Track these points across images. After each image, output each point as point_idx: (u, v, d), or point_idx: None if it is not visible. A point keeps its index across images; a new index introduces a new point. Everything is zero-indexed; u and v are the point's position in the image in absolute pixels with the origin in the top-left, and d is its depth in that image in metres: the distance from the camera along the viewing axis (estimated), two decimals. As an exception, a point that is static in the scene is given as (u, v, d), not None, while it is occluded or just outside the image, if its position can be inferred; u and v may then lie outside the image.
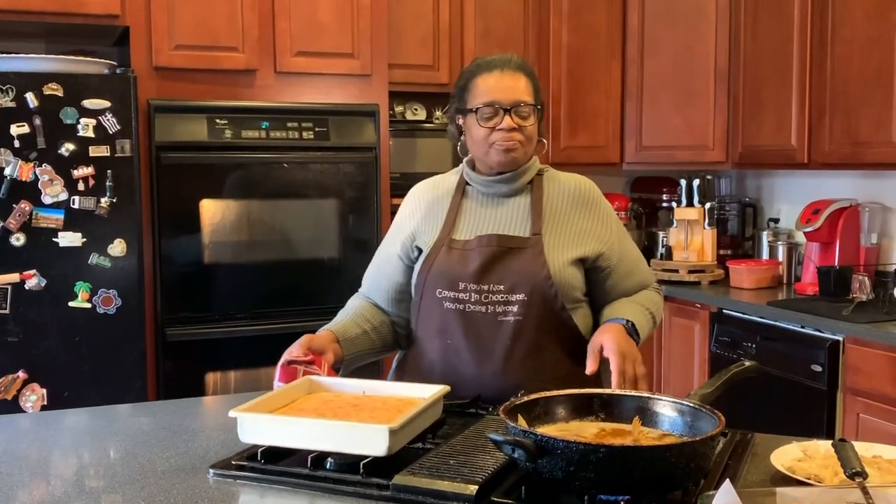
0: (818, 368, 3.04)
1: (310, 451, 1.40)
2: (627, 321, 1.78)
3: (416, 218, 1.94)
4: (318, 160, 3.37)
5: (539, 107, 1.85)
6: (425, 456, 1.40)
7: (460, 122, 1.88)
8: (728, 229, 4.22)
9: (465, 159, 1.92)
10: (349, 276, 3.44)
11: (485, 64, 1.85)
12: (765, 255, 3.97)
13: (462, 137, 1.89)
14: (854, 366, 2.95)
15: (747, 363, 1.55)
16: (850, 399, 2.96)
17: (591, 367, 1.67)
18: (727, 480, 1.12)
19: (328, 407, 1.52)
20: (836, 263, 3.51)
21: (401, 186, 3.73)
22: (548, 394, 1.47)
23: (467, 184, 1.92)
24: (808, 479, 1.32)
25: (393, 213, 3.61)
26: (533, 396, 1.45)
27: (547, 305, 1.77)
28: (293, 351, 1.73)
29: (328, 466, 1.39)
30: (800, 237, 3.79)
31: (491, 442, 1.26)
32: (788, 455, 1.43)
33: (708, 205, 3.93)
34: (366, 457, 1.35)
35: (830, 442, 1.45)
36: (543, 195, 1.87)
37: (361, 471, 1.34)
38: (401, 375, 1.94)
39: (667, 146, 4.05)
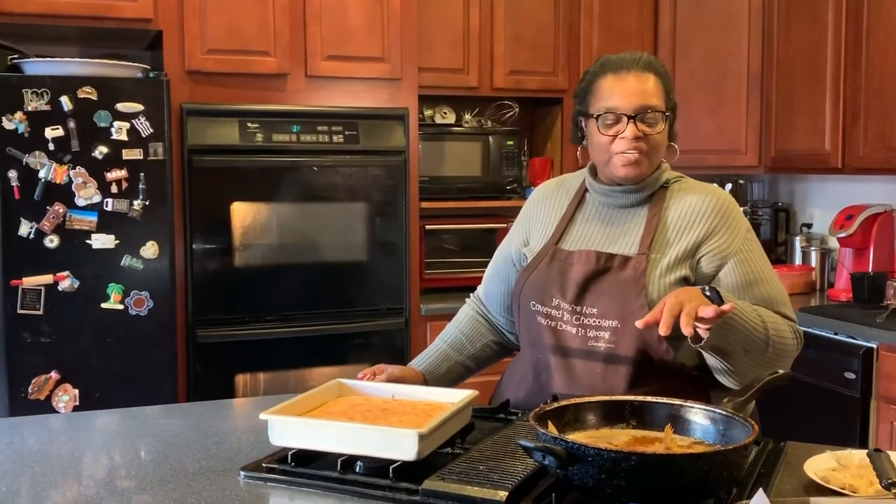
0: (851, 376, 3.00)
1: (339, 455, 1.40)
2: (712, 289, 1.52)
3: (531, 221, 1.88)
4: (348, 164, 3.38)
5: (669, 113, 1.71)
6: (454, 461, 1.39)
7: (583, 124, 1.76)
8: (760, 234, 4.18)
9: (589, 163, 1.81)
10: (378, 279, 3.46)
11: (610, 64, 1.70)
12: (797, 260, 3.93)
13: (584, 142, 1.77)
14: (888, 373, 2.90)
15: (781, 371, 1.52)
16: (883, 407, 2.92)
17: (642, 322, 1.46)
18: (760, 490, 1.11)
19: (357, 410, 1.53)
20: (869, 269, 3.46)
21: (429, 190, 3.77)
22: (578, 400, 1.45)
23: (587, 190, 1.81)
24: (843, 488, 1.30)
25: (423, 217, 3.69)
26: (563, 403, 1.43)
27: (641, 335, 1.61)
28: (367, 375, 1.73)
29: (358, 470, 1.39)
30: (833, 242, 3.74)
31: (521, 448, 1.25)
32: (822, 464, 1.41)
33: (742, 209, 3.89)
34: (395, 461, 1.35)
35: (865, 451, 1.43)
36: (664, 209, 1.71)
37: (391, 475, 1.34)
38: (503, 379, 1.91)
39: (698, 150, 4.01)
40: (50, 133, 2.87)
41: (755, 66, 3.87)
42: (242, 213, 3.26)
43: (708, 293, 1.50)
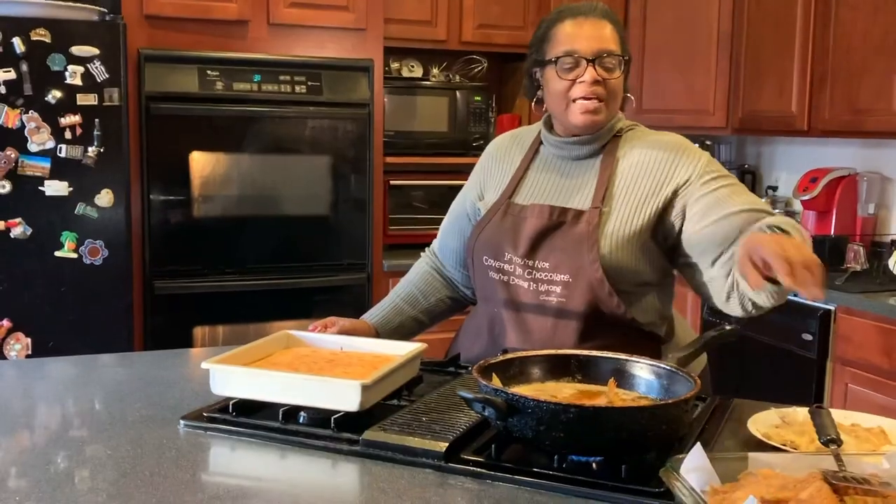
0: (809, 337, 3.03)
1: (282, 405, 1.38)
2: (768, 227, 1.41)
3: (486, 175, 1.86)
4: (311, 115, 3.33)
5: (626, 58, 1.67)
6: (398, 413, 1.39)
7: (538, 75, 1.73)
8: (725, 196, 4.19)
9: (544, 116, 1.78)
10: (340, 234, 3.43)
11: (567, 10, 1.68)
12: (761, 222, 3.94)
13: (539, 93, 1.74)
14: (845, 335, 2.94)
15: (728, 327, 1.53)
16: (839, 368, 2.96)
17: (753, 282, 1.28)
18: (698, 444, 1.11)
19: (303, 362, 1.51)
20: (832, 232, 3.48)
21: (395, 145, 3.74)
22: (524, 354, 1.45)
23: (542, 143, 1.79)
24: (784, 445, 1.31)
25: (387, 173, 3.66)
26: (509, 356, 1.43)
27: (592, 290, 1.61)
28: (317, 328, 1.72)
29: (301, 421, 1.38)
30: (798, 205, 3.75)
31: (462, 399, 1.25)
32: (766, 421, 1.42)
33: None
34: (338, 412, 1.34)
35: (808, 409, 1.44)
36: (618, 160, 1.68)
37: (332, 426, 1.33)
38: (458, 334, 1.90)
39: (667, 110, 4.00)
40: (1, 76, 2.80)
41: (725, 27, 3.85)
42: (202, 164, 3.21)
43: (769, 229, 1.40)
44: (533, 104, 1.78)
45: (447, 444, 1.25)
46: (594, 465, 1.22)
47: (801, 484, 1.02)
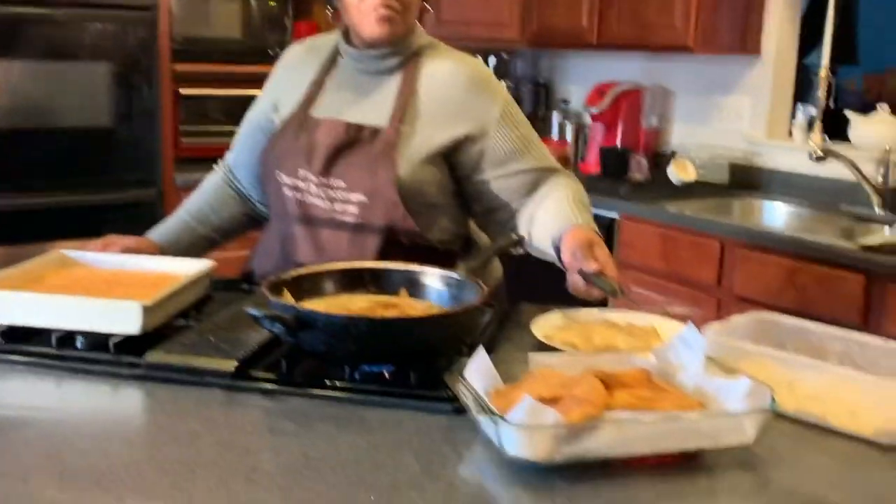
0: (596, 244, 3.20)
1: (57, 331, 1.30)
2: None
3: (280, 86, 1.78)
4: (89, 17, 3.07)
5: None
6: (184, 333, 1.34)
7: None
8: (522, 109, 4.28)
9: (340, 26, 1.72)
10: (128, 147, 3.24)
11: None
12: (555, 135, 4.08)
13: (335, 1, 1.68)
14: (628, 241, 3.13)
15: (514, 236, 1.58)
16: (623, 274, 3.13)
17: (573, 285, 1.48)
18: (480, 348, 1.14)
19: (79, 284, 1.43)
20: (618, 144, 3.66)
21: (185, 52, 3.53)
22: (315, 269, 1.44)
23: (339, 54, 1.72)
24: (564, 345, 1.38)
25: (177, 81, 3.46)
26: (300, 271, 1.41)
27: (388, 211, 1.60)
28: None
29: (78, 346, 1.30)
30: (587, 118, 3.91)
31: (250, 317, 1.22)
32: (549, 324, 1.49)
33: (503, 83, 3.97)
34: (119, 335, 1.28)
35: (589, 309, 1.53)
36: (418, 77, 1.65)
37: (111, 349, 1.27)
38: (253, 252, 1.84)
39: (464, 21, 4.01)
40: None
41: (522, -63, 3.88)
42: (-37, 69, 2.91)
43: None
44: (329, 13, 1.72)
45: (236, 363, 1.22)
46: (386, 374, 1.23)
47: (576, 381, 1.08)
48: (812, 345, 1.32)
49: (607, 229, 3.15)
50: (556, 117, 4.09)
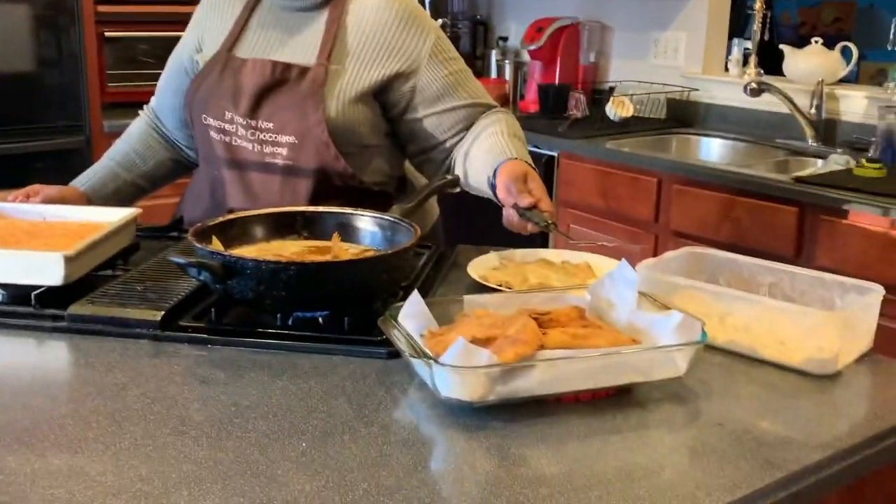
0: (536, 183, 3.20)
1: (-26, 285, 1.26)
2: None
3: (204, 25, 1.71)
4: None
5: None
6: (109, 283, 1.30)
7: None
8: (460, 48, 4.24)
9: None
10: (51, 93, 3.12)
11: None
12: (493, 73, 4.04)
13: None
14: (567, 179, 3.13)
15: (449, 176, 1.56)
16: (562, 212, 3.16)
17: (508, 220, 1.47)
18: (415, 290, 1.13)
19: (-2, 235, 1.37)
20: (556, 81, 3.64)
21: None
22: (245, 213, 1.41)
23: None
24: (500, 285, 1.37)
25: (102, 23, 3.32)
26: (229, 217, 1.38)
27: (319, 152, 1.57)
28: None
29: (-1, 299, 1.26)
30: (526, 56, 3.87)
31: (175, 265, 1.19)
32: (484, 264, 1.48)
33: (440, 21, 3.90)
34: (41, 287, 1.24)
35: (526, 250, 1.53)
36: (346, 13, 1.61)
37: (33, 301, 1.23)
38: (183, 199, 1.79)
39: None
40: None
41: None
42: None
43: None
44: None
45: (163, 313, 1.20)
46: (320, 319, 1.22)
47: (509, 321, 1.08)
48: (743, 278, 1.33)
49: (546, 167, 3.15)
50: (494, 56, 4.04)
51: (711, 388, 1.10)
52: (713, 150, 3.22)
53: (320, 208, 1.45)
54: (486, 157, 1.57)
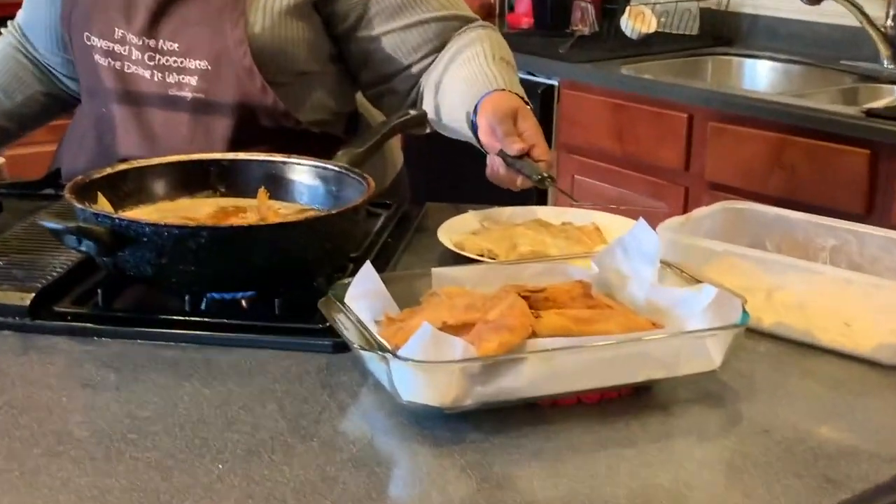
0: (529, 121, 3.20)
1: None
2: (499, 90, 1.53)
3: None
4: None
5: None
6: (-37, 258, 1.31)
7: None
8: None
9: None
10: None
11: None
12: (473, -23, 4.02)
13: None
14: (570, 116, 3.14)
15: (412, 112, 1.56)
16: (564, 158, 3.17)
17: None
18: (367, 263, 1.13)
19: None
20: (555, -12, 3.63)
21: None
22: (141, 163, 1.41)
23: None
24: (480, 255, 1.38)
25: None
26: (120, 168, 1.38)
27: (240, 82, 1.58)
28: None
29: None
30: (515, -46, 3.86)
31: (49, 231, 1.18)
32: (461, 228, 1.49)
33: None
34: None
35: (515, 208, 1.52)
36: None
37: None
38: (61, 144, 1.81)
39: None
40: None
41: None
42: None
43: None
44: None
45: (33, 296, 1.20)
46: (243, 302, 1.23)
47: (492, 301, 1.08)
48: (797, 240, 1.34)
49: (543, 100, 3.15)
50: (473, -47, 4.02)
51: (755, 384, 1.10)
52: (760, 75, 3.23)
53: (242, 155, 1.44)
54: (465, 87, 1.57)
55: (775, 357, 1.17)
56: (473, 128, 1.51)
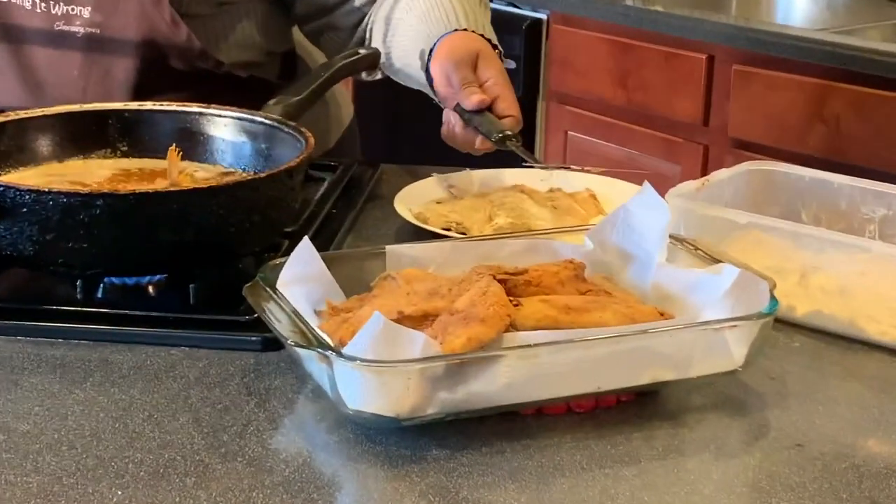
0: (511, 64, 3.18)
1: None
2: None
3: None
4: None
5: None
6: None
7: None
8: None
9: None
10: None
11: None
12: None
13: None
14: (562, 57, 3.14)
15: (361, 51, 1.57)
16: (555, 109, 3.17)
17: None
18: (305, 240, 1.13)
19: None
20: None
21: None
22: (23, 114, 1.41)
23: None
24: (447, 229, 1.38)
25: None
26: (-2, 120, 1.39)
27: (145, 14, 1.59)
28: None
29: None
30: None
31: None
32: (424, 195, 1.49)
33: None
34: None
35: (487, 171, 1.52)
36: None
37: None
38: None
39: None
40: None
41: None
42: None
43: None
44: None
45: None
46: (151, 288, 1.24)
47: (459, 286, 1.08)
48: (839, 209, 1.35)
49: (528, 38, 3.15)
50: None
51: (786, 387, 1.11)
52: (796, 6, 3.24)
53: (147, 105, 1.46)
54: (420, 25, 1.59)
55: (811, 354, 1.18)
56: (428, 76, 1.51)
